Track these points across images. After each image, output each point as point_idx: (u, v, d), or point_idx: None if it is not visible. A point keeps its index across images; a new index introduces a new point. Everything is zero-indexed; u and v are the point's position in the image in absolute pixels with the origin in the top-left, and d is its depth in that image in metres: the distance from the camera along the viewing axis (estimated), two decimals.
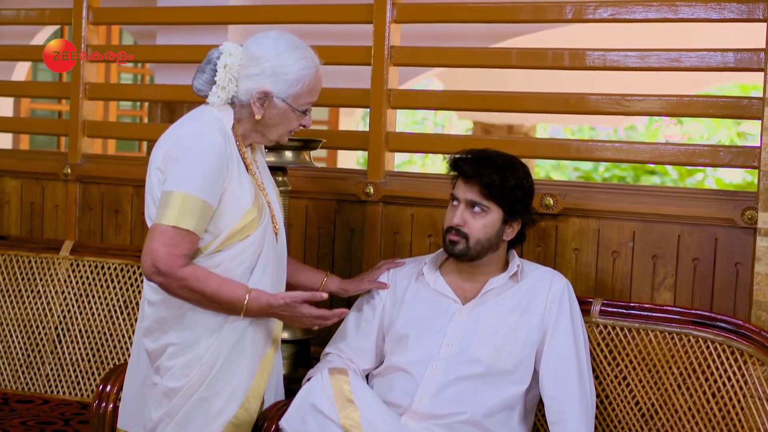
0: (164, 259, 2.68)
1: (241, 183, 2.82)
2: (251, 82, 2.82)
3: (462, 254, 3.08)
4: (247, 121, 2.89)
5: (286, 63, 2.82)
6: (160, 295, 2.82)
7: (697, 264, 3.37)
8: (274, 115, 2.87)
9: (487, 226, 3.07)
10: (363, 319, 3.26)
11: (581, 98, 3.59)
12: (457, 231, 3.07)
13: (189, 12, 4.31)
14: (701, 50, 3.40)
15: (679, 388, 3.14)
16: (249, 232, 2.83)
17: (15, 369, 4.02)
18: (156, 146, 2.84)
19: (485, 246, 3.09)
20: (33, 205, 4.46)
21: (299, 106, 2.88)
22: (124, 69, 9.51)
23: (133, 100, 7.49)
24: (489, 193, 3.05)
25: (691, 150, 3.44)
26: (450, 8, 3.81)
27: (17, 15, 4.67)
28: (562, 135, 17.47)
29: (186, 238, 2.71)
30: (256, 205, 2.85)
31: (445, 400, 3.00)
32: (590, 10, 3.53)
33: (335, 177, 3.92)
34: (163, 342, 2.85)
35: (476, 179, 3.06)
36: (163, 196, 2.73)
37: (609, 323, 3.25)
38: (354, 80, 4.07)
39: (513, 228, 3.14)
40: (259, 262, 2.86)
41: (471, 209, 3.07)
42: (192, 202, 2.70)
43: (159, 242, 2.69)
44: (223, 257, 2.81)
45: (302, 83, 2.85)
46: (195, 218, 2.71)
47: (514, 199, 3.08)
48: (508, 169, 3.09)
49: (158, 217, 2.72)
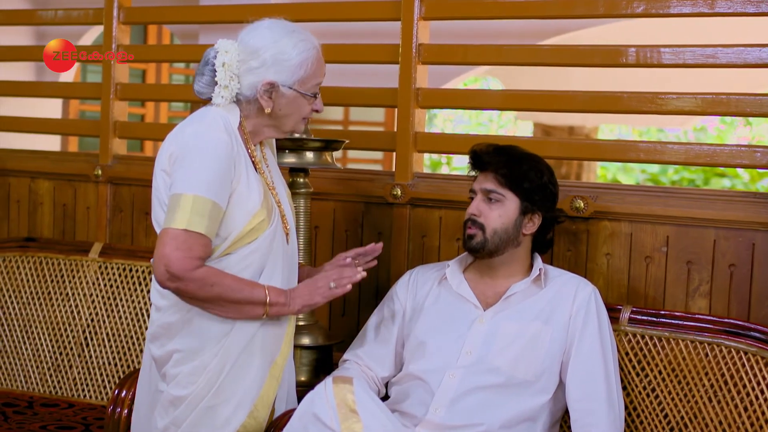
0: (178, 263, 2.59)
1: (249, 183, 2.74)
2: (254, 76, 2.74)
3: (479, 247, 2.99)
4: (256, 117, 2.81)
5: (285, 49, 2.74)
6: (168, 300, 2.75)
7: (734, 270, 3.22)
8: (284, 105, 2.79)
9: (503, 216, 2.99)
10: (383, 324, 3.18)
11: (616, 96, 3.46)
12: (473, 222, 3.00)
13: (223, 10, 4.24)
14: (738, 46, 3.25)
15: (710, 401, 2.99)
16: (258, 234, 2.74)
17: (43, 372, 3.99)
18: (161, 147, 2.77)
19: (503, 238, 2.99)
20: (65, 207, 4.44)
21: (307, 90, 2.79)
22: (176, 70, 9.54)
23: (167, 100, 7.48)
24: (504, 181, 2.99)
25: (728, 151, 3.29)
26: (479, 5, 3.71)
27: (54, 15, 4.65)
28: (627, 136, 17.19)
29: (199, 241, 2.63)
30: (266, 206, 2.76)
31: (461, 410, 2.90)
32: (623, 5, 3.39)
33: (362, 179, 3.83)
34: (169, 348, 2.78)
35: (491, 168, 3.01)
36: (172, 199, 2.65)
37: (638, 331, 3.11)
38: (384, 79, 3.99)
39: (533, 222, 3.04)
40: (268, 264, 2.78)
41: (487, 199, 3.00)
42: (201, 203, 2.62)
43: (171, 247, 2.60)
44: (232, 260, 2.73)
45: (305, 66, 2.76)
46: (206, 220, 2.62)
47: (530, 187, 3.00)
48: (526, 160, 3.03)
49: (168, 221, 2.63)
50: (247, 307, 2.71)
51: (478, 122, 17.96)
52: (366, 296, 3.77)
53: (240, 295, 2.68)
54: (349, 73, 4.33)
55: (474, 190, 3.05)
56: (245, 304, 2.70)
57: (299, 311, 2.80)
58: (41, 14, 4.73)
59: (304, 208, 3.37)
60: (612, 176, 16.69)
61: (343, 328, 3.76)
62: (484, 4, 3.70)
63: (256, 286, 2.72)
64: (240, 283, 2.69)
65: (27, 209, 4.53)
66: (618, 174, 16.82)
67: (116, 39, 4.30)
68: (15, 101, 6.16)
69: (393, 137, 3.78)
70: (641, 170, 16.65)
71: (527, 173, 3.00)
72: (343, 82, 3.84)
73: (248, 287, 2.70)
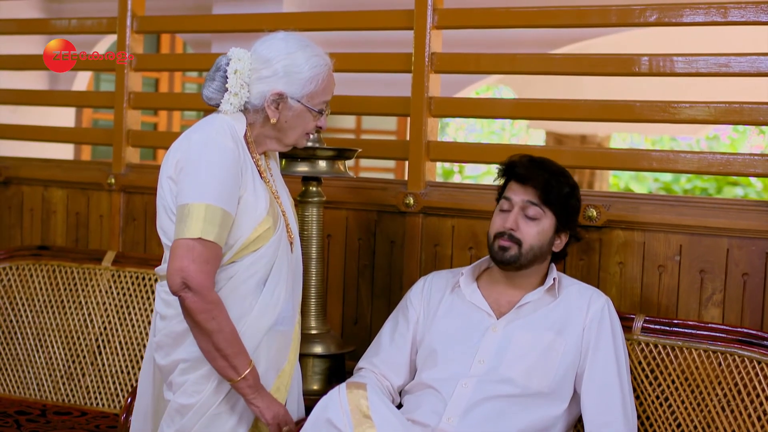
0: (196, 276, 2.59)
1: (256, 191, 2.74)
2: (264, 85, 2.75)
3: (512, 261, 2.97)
4: (261, 126, 2.81)
5: (297, 62, 2.75)
6: (174, 309, 2.74)
7: (747, 279, 3.21)
8: (289, 117, 2.79)
9: (541, 234, 2.98)
10: (398, 332, 3.16)
11: (629, 105, 3.45)
12: (509, 236, 2.97)
13: (236, 19, 4.25)
14: (752, 54, 3.24)
15: (723, 410, 2.98)
16: (264, 242, 2.74)
17: (56, 380, 4.00)
18: (167, 155, 2.76)
19: (537, 254, 2.99)
20: (78, 216, 4.45)
21: (314, 105, 2.80)
22: (189, 79, 9.56)
23: (180, 109, 7.51)
24: (546, 197, 2.96)
25: (741, 160, 3.28)
26: (491, 14, 3.71)
27: (68, 24, 4.67)
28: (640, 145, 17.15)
29: (212, 252, 2.63)
30: (271, 214, 2.77)
31: (474, 420, 2.88)
32: (636, 14, 3.39)
33: (375, 187, 3.83)
34: (174, 358, 2.78)
35: (533, 182, 2.97)
36: (182, 209, 2.64)
37: (651, 341, 3.10)
38: (396, 88, 3.99)
39: (561, 240, 3.05)
40: (273, 272, 2.77)
41: (525, 214, 2.98)
42: (212, 212, 2.61)
43: (188, 259, 2.59)
44: (237, 268, 2.73)
45: (316, 82, 2.77)
46: (217, 228, 2.62)
47: (568, 207, 3.01)
48: (563, 175, 3.02)
49: (180, 232, 2.62)
50: (223, 363, 2.67)
51: (490, 131, 17.94)
52: (378, 305, 3.77)
53: (228, 347, 2.66)
54: (362, 82, 4.33)
55: (510, 200, 3.01)
56: (224, 359, 2.67)
57: (254, 406, 2.74)
58: (55, 23, 4.74)
59: (317, 216, 3.37)
60: (624, 185, 16.64)
61: (355, 337, 3.76)
62: (496, 13, 3.70)
63: (245, 354, 2.69)
64: (236, 338, 2.68)
65: (40, 217, 4.55)
66: (630, 183, 16.77)
67: (129, 48, 4.31)
68: (28, 110, 6.21)
69: (405, 146, 3.78)
70: (654, 179, 16.58)
71: (567, 193, 2.99)
72: (356, 91, 3.84)
73: (239, 348, 2.68)
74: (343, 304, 3.85)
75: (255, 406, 2.73)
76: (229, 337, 2.66)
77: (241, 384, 2.70)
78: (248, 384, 2.70)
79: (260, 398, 2.74)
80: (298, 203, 3.37)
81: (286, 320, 2.83)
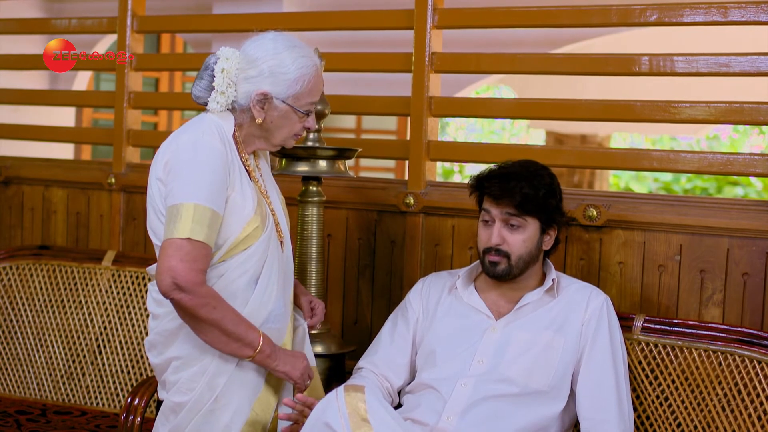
0: (185, 275, 2.59)
1: (243, 190, 2.74)
2: (250, 85, 2.74)
3: (505, 274, 2.98)
4: (248, 126, 2.81)
5: (284, 63, 2.74)
6: (165, 307, 2.74)
7: (747, 279, 3.21)
8: (275, 118, 2.78)
9: (527, 240, 2.97)
10: (397, 332, 3.17)
11: (629, 105, 3.45)
12: (497, 251, 2.97)
13: (236, 19, 4.26)
14: (752, 54, 3.25)
15: (724, 410, 2.98)
16: (253, 241, 2.74)
17: (56, 380, 4.00)
18: (156, 156, 2.76)
19: (527, 261, 2.99)
20: (79, 215, 4.45)
21: (300, 107, 2.79)
22: (189, 78, 9.55)
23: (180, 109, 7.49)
24: (524, 208, 2.95)
25: (741, 159, 3.28)
26: (491, 14, 3.71)
27: (68, 24, 4.66)
28: (640, 145, 17.15)
29: (202, 252, 2.63)
30: (259, 213, 2.76)
31: (473, 419, 2.89)
32: (636, 14, 3.39)
33: (375, 187, 3.82)
34: (167, 356, 2.78)
35: (507, 198, 2.95)
36: (172, 209, 2.64)
37: (651, 340, 3.11)
38: (396, 88, 3.99)
39: (550, 236, 3.05)
40: (263, 272, 2.77)
41: (507, 225, 2.97)
42: (201, 212, 2.61)
43: (176, 258, 2.59)
44: (226, 267, 2.73)
45: (302, 83, 2.76)
46: (206, 228, 2.62)
47: (548, 208, 2.99)
48: (535, 178, 2.98)
49: (169, 232, 2.62)
50: (237, 344, 2.69)
51: (490, 131, 17.94)
52: (379, 305, 3.77)
53: (236, 328, 2.67)
54: (362, 82, 4.34)
55: (491, 216, 3.00)
56: (236, 340, 2.68)
57: (279, 371, 2.78)
58: (55, 23, 4.74)
59: (317, 216, 3.37)
60: (624, 185, 16.64)
61: (355, 337, 3.76)
62: (496, 13, 3.70)
63: (253, 328, 2.71)
64: (240, 317, 2.69)
65: (41, 217, 4.55)
66: (630, 182, 16.77)
67: (130, 47, 4.31)
68: (28, 110, 6.21)
69: (406, 146, 3.78)
70: (654, 179, 16.59)
71: (543, 195, 2.97)
72: (356, 90, 3.85)
73: (246, 325, 2.70)
74: (343, 303, 3.85)
75: (280, 372, 2.78)
76: (235, 318, 2.67)
77: (259, 357, 2.72)
78: (266, 354, 2.73)
79: (282, 362, 2.77)
80: (298, 203, 3.37)
81: (278, 318, 2.83)
